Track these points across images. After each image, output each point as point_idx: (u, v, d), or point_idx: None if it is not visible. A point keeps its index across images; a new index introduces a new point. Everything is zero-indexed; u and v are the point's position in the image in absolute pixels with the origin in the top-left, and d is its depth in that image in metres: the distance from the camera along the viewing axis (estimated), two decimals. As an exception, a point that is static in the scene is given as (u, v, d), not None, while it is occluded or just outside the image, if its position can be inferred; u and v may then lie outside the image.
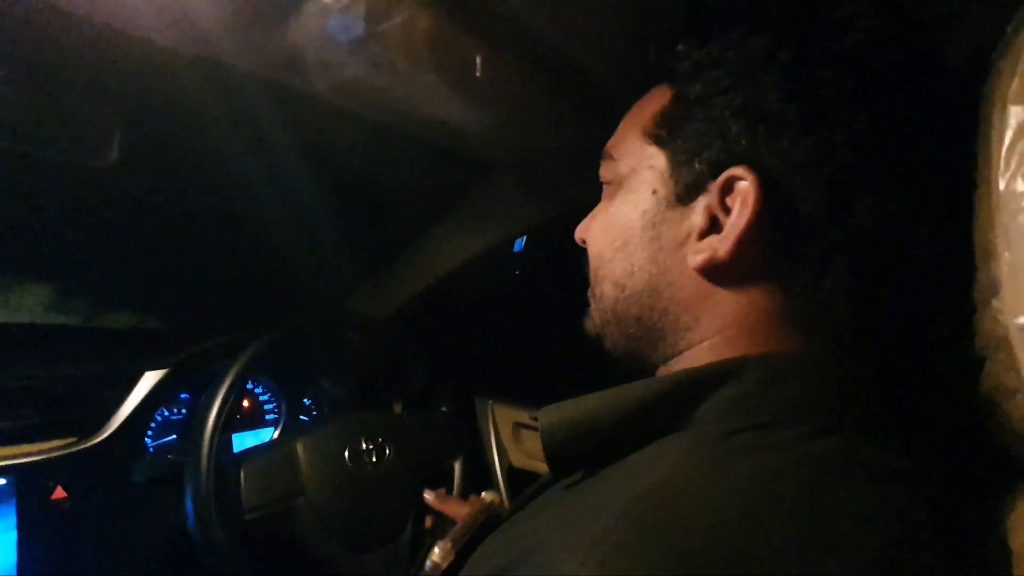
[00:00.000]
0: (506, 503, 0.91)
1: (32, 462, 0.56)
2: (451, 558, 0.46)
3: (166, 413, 0.78)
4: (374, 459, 0.68)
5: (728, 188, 0.31)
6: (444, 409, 0.80)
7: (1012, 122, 0.24)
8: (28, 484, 0.56)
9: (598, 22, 0.43)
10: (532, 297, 1.07)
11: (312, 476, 0.62)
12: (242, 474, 0.58)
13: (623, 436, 0.31)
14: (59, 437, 0.60)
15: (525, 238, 1.04)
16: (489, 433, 0.96)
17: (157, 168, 0.62)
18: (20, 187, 0.58)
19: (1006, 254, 0.24)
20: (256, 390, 0.91)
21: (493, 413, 1.00)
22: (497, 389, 1.01)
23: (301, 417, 0.94)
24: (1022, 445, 0.26)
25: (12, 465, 0.55)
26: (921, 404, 0.33)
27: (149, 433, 0.75)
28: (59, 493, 0.57)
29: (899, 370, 0.33)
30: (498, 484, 0.93)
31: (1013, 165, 0.23)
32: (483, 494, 0.58)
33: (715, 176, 0.31)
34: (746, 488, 0.25)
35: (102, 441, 0.63)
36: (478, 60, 0.44)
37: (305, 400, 0.95)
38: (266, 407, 0.92)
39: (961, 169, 0.28)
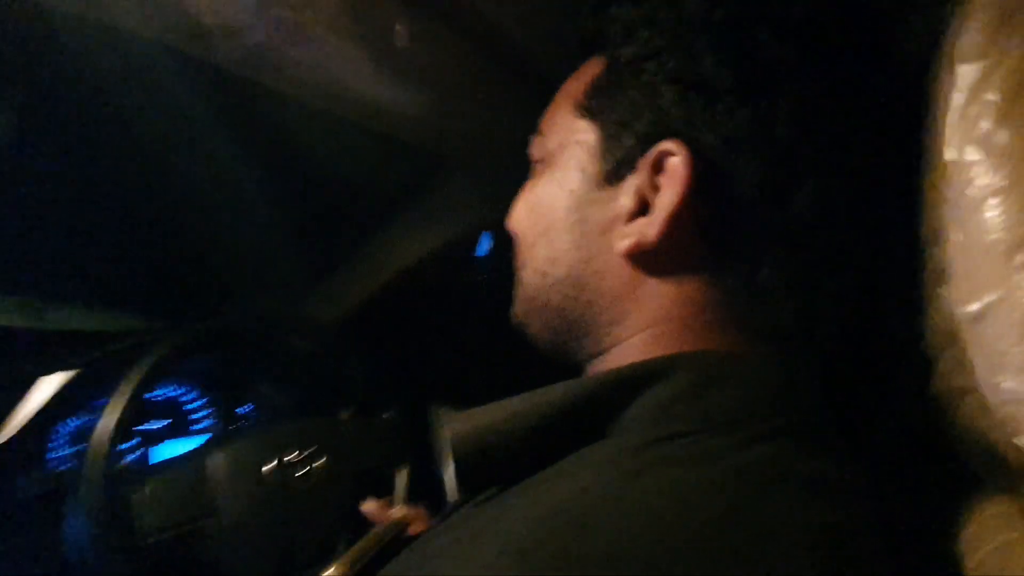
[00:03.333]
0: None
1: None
2: (346, 578, 0.40)
3: (76, 422, 0.71)
4: (304, 471, 0.62)
5: (659, 165, 0.28)
6: (387, 415, 0.75)
7: (960, 83, 0.21)
8: None
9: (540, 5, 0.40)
10: (492, 301, 1.04)
11: (225, 494, 0.56)
12: (145, 491, 0.52)
13: (540, 446, 0.27)
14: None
15: (491, 242, 1.01)
16: (444, 442, 0.92)
17: (61, 146, 0.56)
18: None
19: (955, 234, 0.21)
20: (183, 397, 0.84)
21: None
22: (451, 396, 0.97)
23: (239, 425, 0.88)
24: (976, 452, 0.23)
25: None
26: (868, 408, 0.30)
27: (53, 444, 0.68)
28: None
29: (844, 371, 0.30)
30: (451, 495, 0.88)
31: (962, 131, 0.20)
32: (392, 510, 0.54)
33: (645, 151, 0.28)
34: (657, 508, 0.21)
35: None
36: (399, 29, 0.40)
37: (242, 408, 0.89)
38: (193, 416, 0.85)
39: (907, 144, 0.25)
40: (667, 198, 0.27)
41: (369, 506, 0.63)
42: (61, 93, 0.55)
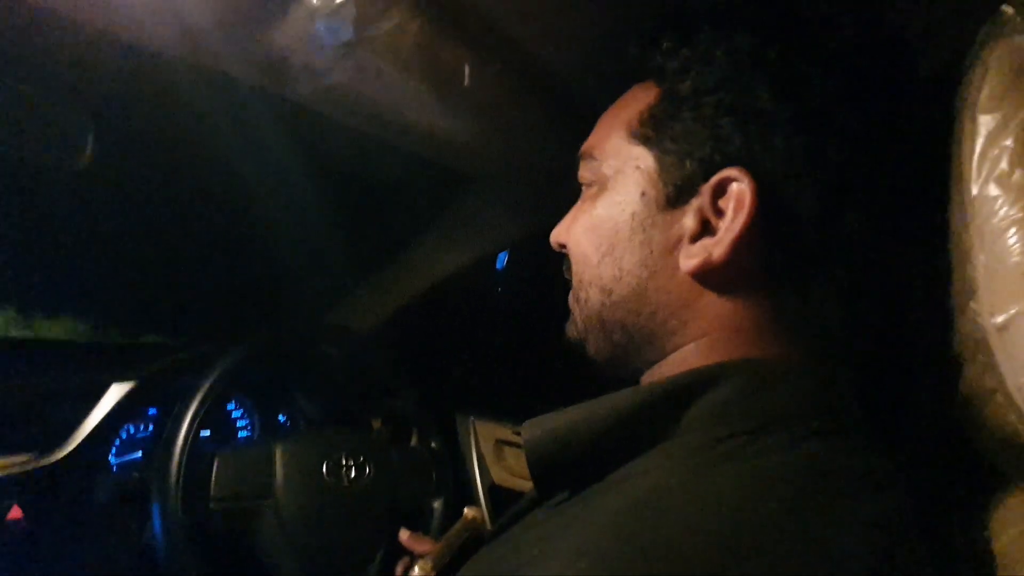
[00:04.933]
0: (488, 521, 0.89)
1: (-15, 479, 0.53)
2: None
3: (131, 429, 0.74)
4: (352, 475, 0.66)
5: (721, 190, 0.30)
6: (433, 446, 0.78)
7: (982, 130, 0.25)
8: (-19, 503, 0.53)
9: (582, 33, 0.44)
10: (514, 313, 1.07)
11: (285, 481, 0.60)
12: (216, 462, 0.57)
13: (609, 448, 0.30)
14: (15, 454, 0.57)
15: (507, 255, 1.04)
16: (471, 450, 0.95)
17: (131, 172, 0.61)
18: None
19: (981, 256, 0.25)
20: (228, 406, 0.88)
21: (475, 429, 0.98)
22: (479, 405, 1.00)
23: (274, 433, 0.91)
24: (1002, 446, 0.27)
25: (-37, 483, 0.51)
26: (903, 408, 0.34)
27: (112, 451, 0.71)
28: (15, 513, 0.54)
29: (881, 374, 0.33)
30: (480, 502, 0.91)
31: (985, 171, 0.24)
32: (465, 510, 0.57)
33: (707, 177, 0.30)
34: (730, 497, 0.24)
35: (62, 458, 0.60)
36: (466, 68, 0.44)
37: (280, 417, 0.92)
38: (238, 423, 0.89)
39: (935, 173, 0.29)
40: (733, 222, 0.29)
41: (404, 535, 0.65)
42: (133, 124, 0.59)
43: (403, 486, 0.71)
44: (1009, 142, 0.24)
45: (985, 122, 0.25)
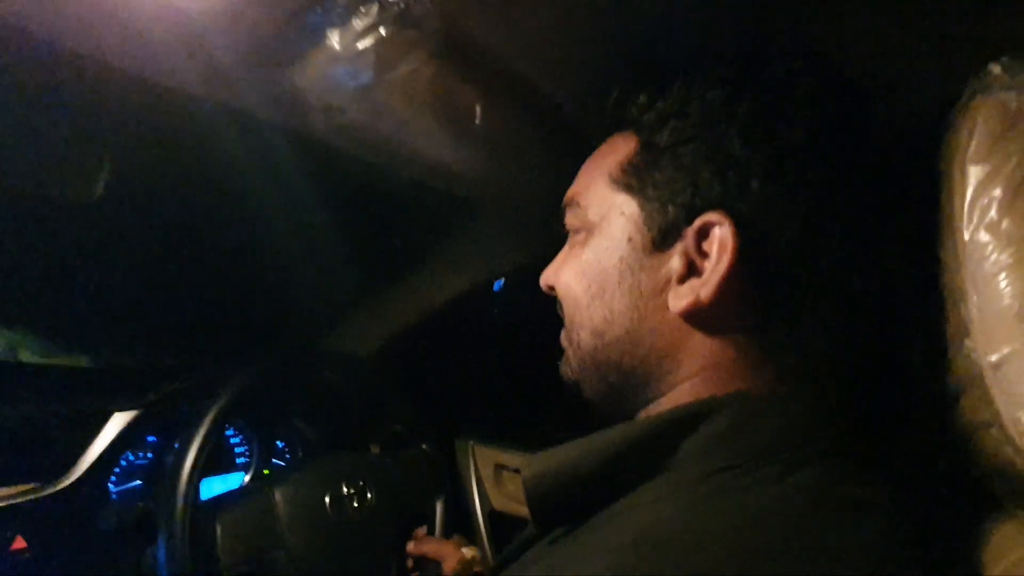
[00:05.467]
0: (488, 551, 0.88)
1: (-11, 510, 0.53)
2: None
3: (131, 457, 0.74)
4: (355, 504, 0.66)
5: (704, 233, 0.32)
6: (424, 447, 0.78)
7: (972, 180, 0.27)
8: (-15, 534, 0.52)
9: (587, 70, 0.46)
10: (512, 336, 1.08)
11: (293, 527, 0.59)
12: (218, 526, 0.55)
13: (605, 483, 0.31)
14: (19, 483, 0.56)
15: (504, 278, 1.05)
16: (470, 475, 0.95)
17: (138, 203, 0.62)
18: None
19: (975, 297, 0.26)
20: (227, 432, 0.87)
21: (474, 454, 0.98)
22: (478, 430, 1.00)
23: (273, 460, 0.90)
24: (997, 477, 0.28)
25: (-32, 514, 0.51)
26: (898, 438, 0.35)
27: (112, 479, 0.71)
28: (19, 543, 0.53)
29: (875, 405, 0.35)
30: (479, 528, 0.90)
31: (976, 218, 0.26)
32: (463, 550, 0.57)
33: (690, 221, 0.32)
34: (724, 532, 0.25)
35: (66, 487, 0.59)
36: (477, 108, 0.46)
37: (278, 443, 0.92)
38: (236, 450, 0.88)
39: (925, 215, 0.31)
40: (718, 263, 0.31)
41: (411, 545, 0.67)
42: (143, 157, 0.60)
43: (404, 494, 0.71)
44: (998, 192, 0.26)
45: (975, 172, 0.27)
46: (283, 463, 0.91)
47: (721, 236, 0.31)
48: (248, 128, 0.54)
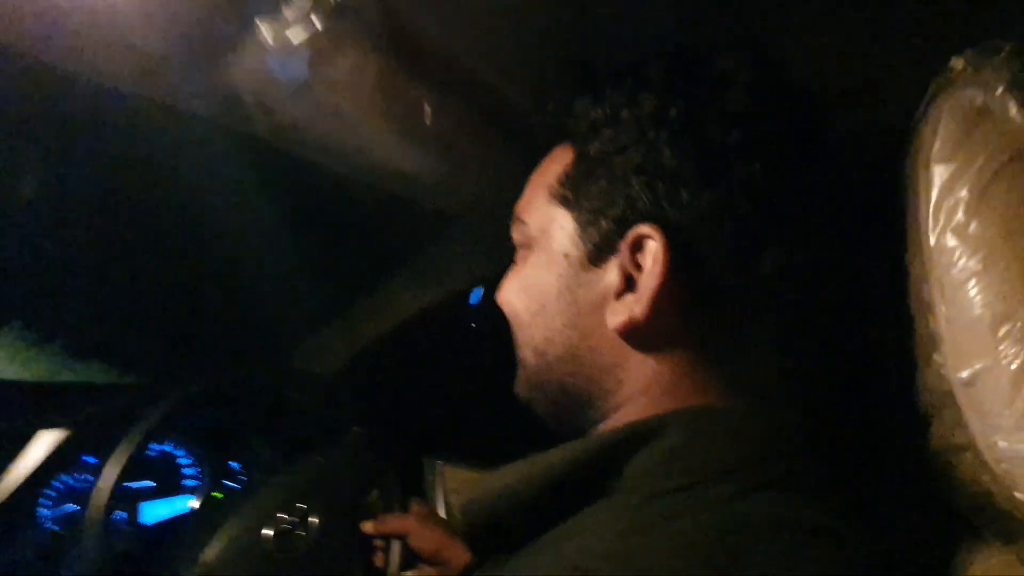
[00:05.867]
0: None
1: None
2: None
3: (67, 480, 0.69)
4: (301, 533, 0.61)
5: (638, 246, 0.31)
6: (355, 429, 0.74)
7: (937, 181, 0.25)
8: None
9: (543, 72, 0.44)
10: (487, 350, 1.05)
11: None
12: None
13: (546, 508, 0.29)
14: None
15: (482, 290, 1.03)
16: (437, 495, 0.91)
17: (81, 205, 0.58)
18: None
19: (943, 308, 0.24)
20: (175, 451, 0.83)
21: (441, 474, 0.95)
22: (448, 447, 0.97)
23: (225, 482, 0.85)
24: (975, 505, 0.25)
25: None
26: (871, 461, 0.33)
27: (45, 502, 0.65)
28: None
29: (846, 425, 0.33)
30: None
31: (942, 221, 0.24)
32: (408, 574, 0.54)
33: (623, 234, 0.31)
34: (662, 562, 0.23)
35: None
36: (426, 108, 0.44)
37: (233, 463, 0.87)
38: (185, 471, 0.83)
39: (890, 219, 0.29)
40: (649, 277, 0.30)
41: (368, 526, 0.64)
42: (83, 159, 0.57)
43: (350, 491, 0.67)
44: (964, 193, 0.23)
45: (940, 173, 0.24)
46: (237, 485, 0.86)
47: (653, 249, 0.30)
48: (197, 131, 0.51)
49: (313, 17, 0.35)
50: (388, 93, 0.42)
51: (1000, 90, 0.23)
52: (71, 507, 0.67)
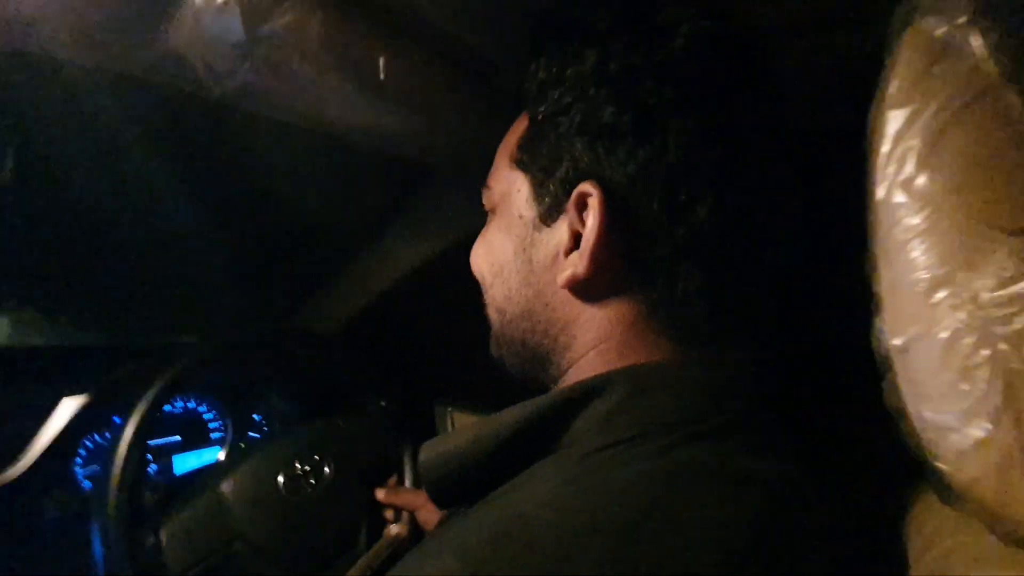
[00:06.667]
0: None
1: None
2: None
3: (97, 439, 0.74)
4: (312, 481, 0.65)
5: (582, 204, 0.31)
6: (382, 404, 0.77)
7: (891, 128, 0.22)
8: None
9: (503, 17, 0.41)
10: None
11: (246, 517, 0.58)
12: (162, 535, 0.53)
13: (499, 464, 0.30)
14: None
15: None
16: (448, 439, 0.95)
17: (59, 181, 0.59)
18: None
19: (885, 269, 0.22)
20: (200, 408, 0.88)
21: (452, 418, 0.98)
22: (459, 396, 1.00)
23: (250, 434, 0.91)
24: (919, 466, 0.25)
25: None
26: (823, 411, 0.32)
27: (78, 462, 0.71)
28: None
29: (793, 377, 0.32)
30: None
31: (891, 174, 0.22)
32: (388, 527, 0.57)
33: (569, 194, 0.32)
34: (585, 509, 0.24)
35: (17, 475, 0.59)
36: (380, 61, 0.42)
37: (255, 416, 0.92)
38: (211, 425, 0.88)
39: (846, 171, 0.27)
40: (589, 232, 0.30)
41: (380, 493, 0.68)
42: (53, 135, 0.57)
43: (366, 456, 0.71)
44: (916, 141, 0.21)
45: (894, 119, 0.22)
46: (260, 436, 0.91)
47: (592, 206, 0.31)
48: (156, 101, 0.50)
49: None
50: (338, 49, 0.40)
51: (963, 19, 0.20)
52: (99, 466, 0.73)
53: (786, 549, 0.25)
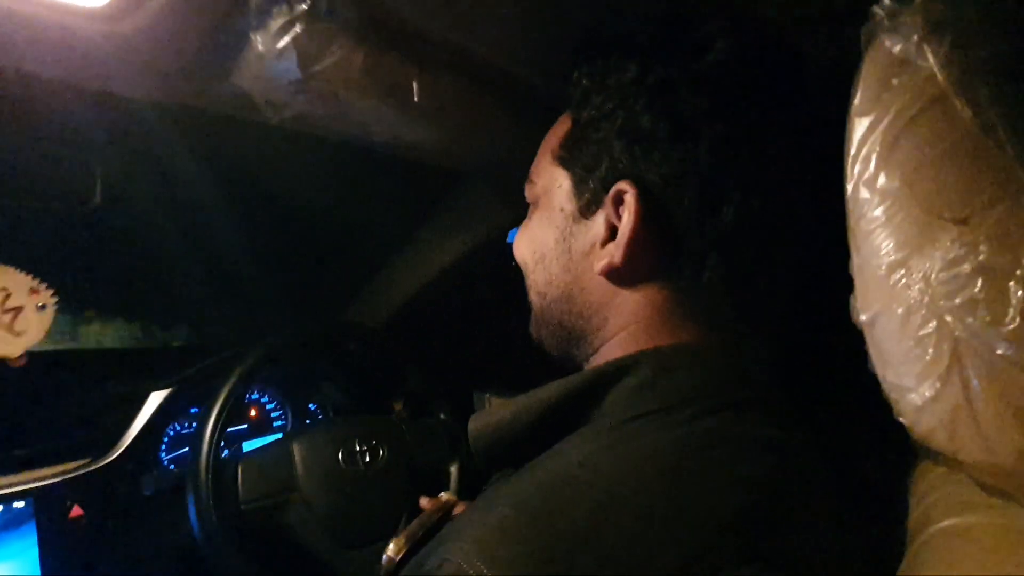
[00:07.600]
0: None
1: (49, 484, 0.61)
2: (403, 551, 0.49)
3: (178, 428, 0.83)
4: (367, 460, 0.72)
5: (619, 200, 0.35)
6: (442, 416, 0.84)
7: (856, 133, 0.26)
8: (47, 505, 0.60)
9: (525, 38, 0.45)
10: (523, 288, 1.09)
11: (306, 474, 0.66)
12: (240, 469, 0.63)
13: (539, 434, 0.34)
14: (74, 459, 0.65)
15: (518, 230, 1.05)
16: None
17: (141, 203, 0.67)
18: (16, 229, 0.63)
19: (855, 255, 0.26)
20: (263, 399, 0.96)
21: (490, 405, 1.03)
22: (496, 382, 1.04)
23: (308, 422, 0.99)
24: (904, 431, 0.28)
25: (31, 489, 0.59)
26: (825, 386, 0.35)
27: (163, 447, 0.80)
28: (76, 511, 0.62)
29: (800, 355, 0.35)
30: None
31: (856, 173, 0.25)
32: (442, 494, 0.62)
33: (607, 191, 0.35)
34: (623, 467, 0.28)
35: (114, 460, 0.68)
36: (415, 85, 0.46)
37: (311, 406, 1.00)
38: (273, 415, 0.97)
39: (829, 171, 0.30)
40: (625, 226, 0.34)
41: (424, 502, 0.71)
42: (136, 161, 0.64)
43: (418, 456, 0.77)
44: (876, 146, 0.24)
45: (859, 125, 0.25)
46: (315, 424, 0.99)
47: (628, 203, 0.34)
48: (220, 130, 0.56)
49: (295, 24, 0.38)
50: (378, 78, 0.45)
51: (916, 38, 0.23)
52: (184, 450, 0.82)
53: (797, 502, 0.29)
